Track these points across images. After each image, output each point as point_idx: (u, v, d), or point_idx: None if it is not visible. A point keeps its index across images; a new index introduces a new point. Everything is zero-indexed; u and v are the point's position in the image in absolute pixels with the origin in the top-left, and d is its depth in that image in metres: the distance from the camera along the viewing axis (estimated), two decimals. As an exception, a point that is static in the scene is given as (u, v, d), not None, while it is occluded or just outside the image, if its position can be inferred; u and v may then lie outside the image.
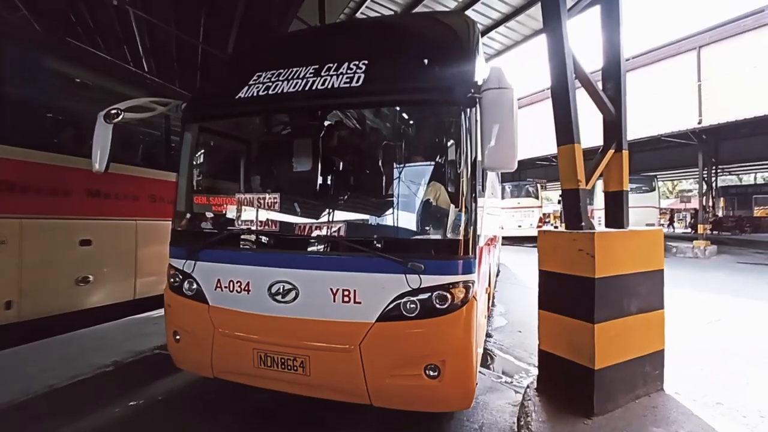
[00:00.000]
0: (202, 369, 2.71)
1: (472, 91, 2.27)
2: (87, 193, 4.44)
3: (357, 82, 2.43)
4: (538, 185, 19.71)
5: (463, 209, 2.29)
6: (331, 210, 2.69)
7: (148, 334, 4.37)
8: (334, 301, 2.33)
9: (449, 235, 2.31)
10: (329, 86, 2.46)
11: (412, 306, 2.23)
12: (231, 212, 2.90)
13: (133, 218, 5.38)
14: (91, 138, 3.04)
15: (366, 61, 2.52)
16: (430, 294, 2.22)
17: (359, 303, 2.30)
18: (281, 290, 2.42)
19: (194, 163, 3.10)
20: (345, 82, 2.44)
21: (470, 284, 2.27)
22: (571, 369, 2.67)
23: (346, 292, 2.32)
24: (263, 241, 2.61)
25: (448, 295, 2.22)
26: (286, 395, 2.56)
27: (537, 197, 19.39)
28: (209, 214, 3.01)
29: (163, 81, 13.63)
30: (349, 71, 2.49)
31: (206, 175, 3.26)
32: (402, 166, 2.72)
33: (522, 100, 18.67)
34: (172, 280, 2.81)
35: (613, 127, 3.07)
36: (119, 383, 3.46)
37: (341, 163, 2.99)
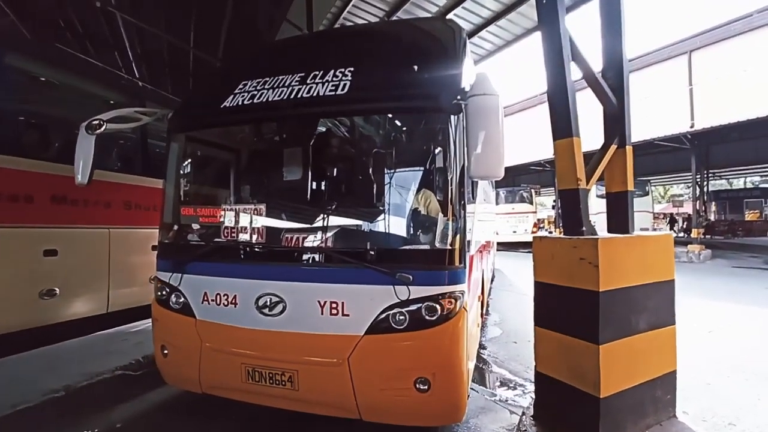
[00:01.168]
0: (191, 384, 2.59)
1: (458, 97, 2.18)
2: (51, 199, 4.03)
3: (342, 90, 2.34)
4: (532, 191, 19.57)
5: (452, 217, 2.21)
6: (317, 220, 2.60)
7: (113, 352, 3.90)
8: (322, 313, 2.23)
9: (438, 245, 2.23)
10: (314, 94, 2.37)
11: (401, 318, 2.14)
12: (217, 223, 2.79)
13: (105, 226, 4.98)
14: (57, 140, 2.70)
15: (351, 69, 2.44)
16: (419, 305, 2.13)
17: (347, 315, 2.20)
18: (268, 303, 2.32)
19: (181, 173, 3.01)
20: (330, 90, 2.36)
21: (460, 295, 2.17)
22: (572, 396, 2.27)
23: (334, 305, 2.22)
24: (250, 252, 2.53)
25: (438, 307, 2.12)
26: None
27: (531, 203, 19.22)
28: (196, 226, 2.88)
29: (154, 87, 13.35)
30: (335, 79, 2.41)
31: (193, 185, 3.18)
32: (389, 174, 2.63)
33: (515, 106, 18.51)
34: (159, 293, 2.71)
35: (616, 120, 2.69)
36: (65, 412, 3.00)
37: (327, 173, 2.89)
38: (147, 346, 3.83)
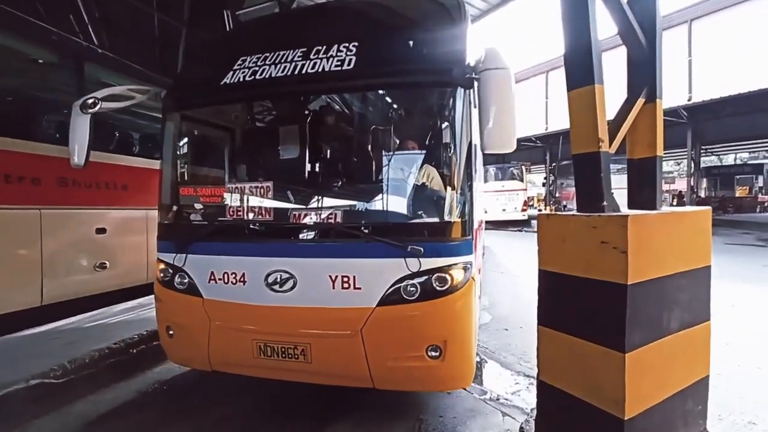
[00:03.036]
0: (199, 363, 2.67)
1: (471, 71, 2.22)
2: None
3: (349, 65, 2.35)
4: (523, 168, 19.20)
5: (460, 191, 2.31)
6: (327, 196, 2.69)
7: (37, 355, 3.19)
8: (334, 288, 2.31)
9: (446, 218, 2.32)
10: (319, 69, 2.38)
11: (412, 289, 2.23)
12: (222, 203, 2.80)
13: (35, 206, 4.34)
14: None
15: (356, 43, 2.43)
16: (429, 276, 2.22)
17: (359, 289, 2.28)
18: (278, 279, 2.38)
19: (179, 153, 3.01)
20: (336, 65, 2.36)
21: (468, 265, 2.28)
22: (587, 415, 1.82)
23: (345, 279, 2.29)
24: (258, 230, 2.54)
25: (448, 277, 2.21)
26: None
27: (522, 180, 18.87)
28: (199, 206, 2.87)
29: (116, 56, 12.33)
30: (339, 53, 2.41)
31: (193, 165, 3.16)
32: (398, 149, 2.71)
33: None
34: (161, 274, 2.73)
35: (644, 66, 2.16)
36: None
37: (334, 148, 2.92)
38: (79, 347, 3.29)
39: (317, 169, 2.80)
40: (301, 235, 2.44)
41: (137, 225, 5.42)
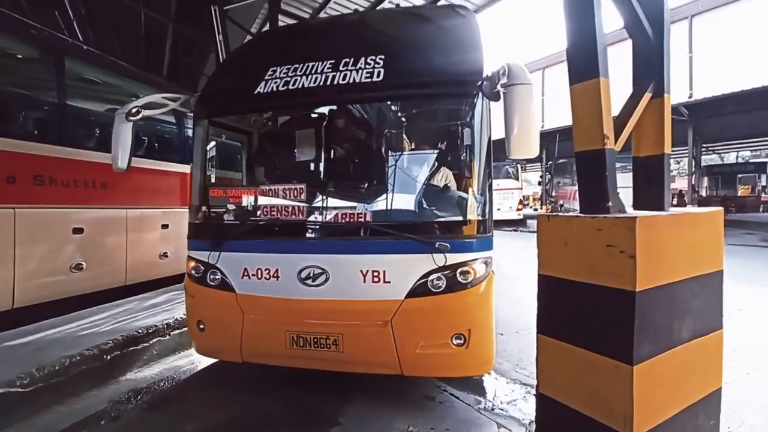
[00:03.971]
0: (230, 355, 2.84)
1: (497, 86, 2.42)
2: None
3: (378, 76, 2.56)
4: (518, 166, 19.13)
5: (480, 192, 2.57)
6: (357, 197, 2.97)
7: (1, 362, 3.13)
8: (365, 281, 2.51)
9: (469, 216, 2.55)
10: (351, 81, 2.59)
11: (439, 282, 2.45)
12: (255, 204, 3.05)
13: (8, 206, 4.19)
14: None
15: (382, 56, 2.64)
16: (454, 270, 2.45)
17: (389, 282, 2.49)
18: (311, 274, 2.57)
19: (211, 157, 3.26)
20: (366, 77, 2.57)
21: (489, 260, 2.53)
22: (591, 431, 1.72)
23: (375, 273, 2.50)
24: (291, 229, 2.74)
25: (471, 271, 2.45)
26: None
27: (517, 178, 18.83)
28: (231, 207, 3.13)
29: (102, 52, 12.13)
30: (367, 66, 2.61)
31: (223, 168, 3.44)
32: (426, 154, 3.03)
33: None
34: (193, 271, 2.90)
35: (652, 59, 2.06)
36: None
37: (365, 153, 3.15)
38: (49, 353, 3.15)
39: (347, 172, 3.04)
40: (333, 233, 2.70)
41: (116, 225, 5.28)
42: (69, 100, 4.85)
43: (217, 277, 2.79)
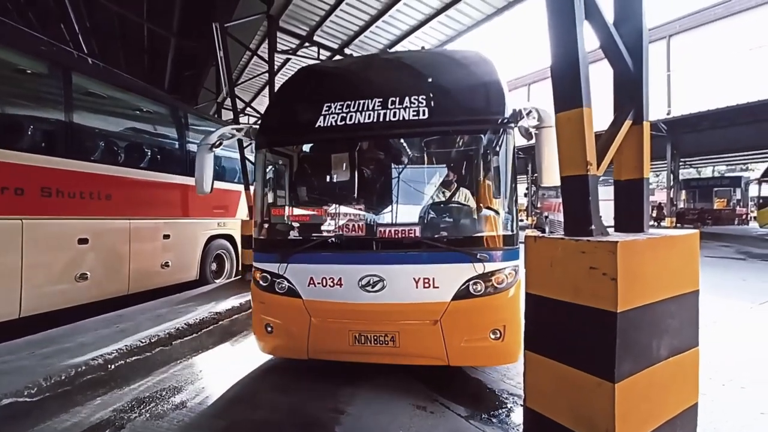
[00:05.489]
0: (296, 353, 3.18)
1: (533, 127, 2.98)
2: None
3: (424, 114, 2.93)
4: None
5: (509, 211, 3.01)
6: (409, 215, 3.21)
7: (7, 372, 2.75)
8: (417, 287, 2.88)
9: (502, 232, 2.96)
10: (401, 118, 2.95)
11: (478, 287, 2.84)
12: (319, 222, 3.43)
13: (17, 216, 4.15)
14: None
15: (424, 96, 2.99)
16: (490, 277, 2.84)
17: (437, 287, 2.86)
18: (371, 282, 2.92)
19: (276, 181, 3.60)
20: (413, 115, 2.94)
21: (517, 268, 2.92)
22: (575, 445, 1.74)
23: (426, 280, 2.87)
24: (352, 244, 3.06)
25: (504, 277, 2.85)
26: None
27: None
28: (296, 224, 3.43)
29: (107, 65, 12.08)
30: (412, 104, 2.98)
31: (288, 191, 3.65)
32: (468, 181, 3.37)
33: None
34: (261, 281, 3.22)
35: (631, 87, 2.12)
36: None
37: (414, 178, 3.41)
38: (55, 362, 3.12)
39: (399, 194, 3.31)
40: (389, 247, 2.98)
41: (120, 235, 5.25)
42: (75, 113, 4.85)
43: (284, 285, 3.09)
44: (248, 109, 11.24)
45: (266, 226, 3.42)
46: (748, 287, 6.69)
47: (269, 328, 3.19)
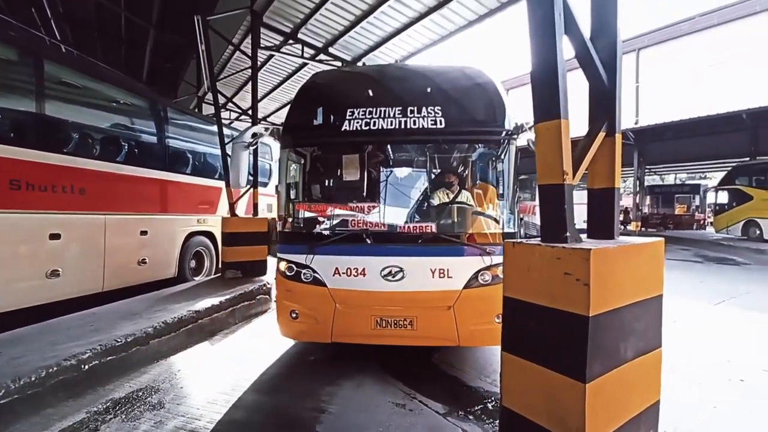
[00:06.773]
0: (320, 336, 3.36)
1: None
2: None
3: (440, 124, 3.25)
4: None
5: (511, 211, 3.42)
6: (426, 214, 3.54)
7: None
8: (433, 277, 3.17)
9: (507, 229, 3.34)
10: (420, 126, 3.27)
11: (486, 277, 3.16)
12: (344, 218, 3.57)
13: None
14: None
15: (440, 107, 3.29)
16: (497, 268, 3.14)
17: (451, 277, 3.17)
18: (392, 272, 3.18)
19: (300, 178, 3.76)
20: (431, 124, 3.26)
21: None
22: (548, 442, 1.80)
23: (441, 270, 3.17)
24: (375, 238, 3.31)
25: None
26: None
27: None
28: (321, 219, 3.63)
29: (81, 53, 11.57)
30: (429, 114, 3.28)
31: (313, 188, 3.85)
32: (477, 184, 3.68)
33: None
34: (287, 271, 3.39)
35: (606, 100, 2.19)
36: None
37: (431, 180, 3.74)
38: (25, 363, 2.98)
39: (417, 194, 3.65)
40: (408, 241, 3.27)
41: (94, 231, 5.05)
42: (47, 103, 4.64)
43: (309, 274, 3.30)
44: (230, 104, 10.96)
45: (290, 220, 3.64)
46: (705, 288, 7.05)
47: (294, 314, 3.35)
